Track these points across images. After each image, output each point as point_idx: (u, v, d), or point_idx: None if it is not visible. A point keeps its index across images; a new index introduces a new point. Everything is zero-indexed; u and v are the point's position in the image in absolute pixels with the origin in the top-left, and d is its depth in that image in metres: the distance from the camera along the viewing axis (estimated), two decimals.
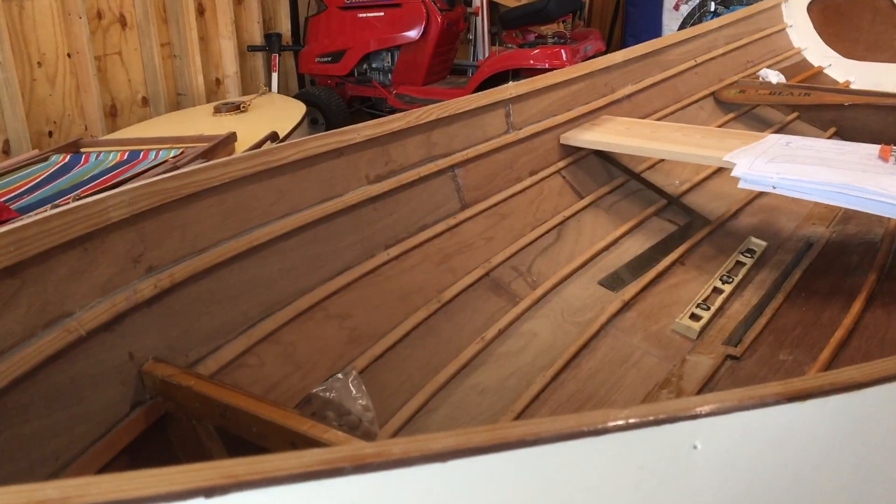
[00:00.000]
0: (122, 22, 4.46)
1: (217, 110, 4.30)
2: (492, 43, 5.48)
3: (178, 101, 4.85)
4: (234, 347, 1.33)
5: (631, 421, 0.54)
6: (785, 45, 4.10)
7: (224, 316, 1.35)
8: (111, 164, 2.95)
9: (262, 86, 5.21)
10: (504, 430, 0.50)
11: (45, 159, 3.08)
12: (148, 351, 1.16)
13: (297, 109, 4.35)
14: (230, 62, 5.12)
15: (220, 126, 3.93)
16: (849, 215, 2.75)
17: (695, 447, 0.57)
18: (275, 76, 5.27)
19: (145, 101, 4.67)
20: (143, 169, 2.80)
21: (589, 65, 2.82)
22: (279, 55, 5.26)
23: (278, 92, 5.22)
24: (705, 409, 0.57)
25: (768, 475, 0.61)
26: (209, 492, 0.41)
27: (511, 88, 2.47)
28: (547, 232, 2.37)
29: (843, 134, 3.36)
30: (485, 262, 2.12)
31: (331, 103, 4.93)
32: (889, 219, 2.61)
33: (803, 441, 0.61)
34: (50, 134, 4.15)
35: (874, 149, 2.34)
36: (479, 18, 5.26)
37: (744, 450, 0.59)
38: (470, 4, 5.24)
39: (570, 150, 2.64)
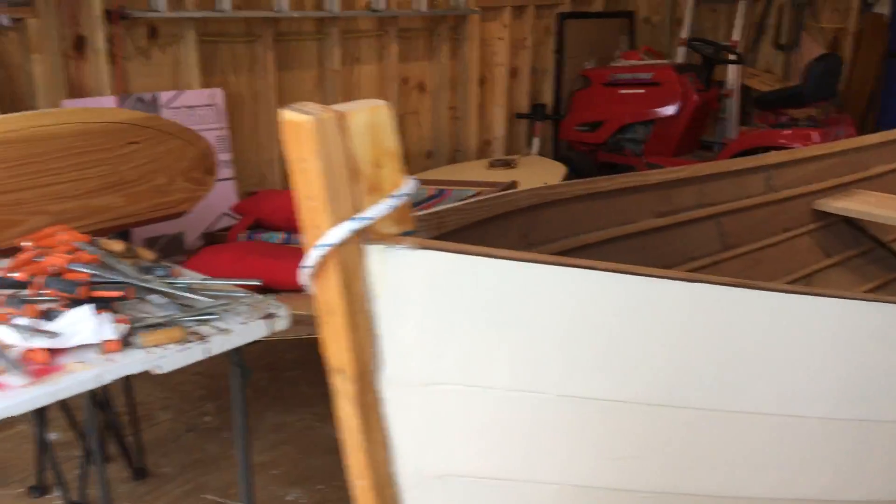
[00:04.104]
0: (422, 88, 5.35)
1: (491, 165, 5.03)
2: (740, 123, 5.83)
3: (455, 157, 5.65)
4: None
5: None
6: None
7: None
8: (424, 198, 3.68)
9: (525, 147, 5.92)
10: None
11: None
12: None
13: (559, 169, 4.97)
14: (500, 126, 5.88)
15: (496, 177, 4.62)
16: None
17: None
18: (536, 140, 5.95)
19: (429, 154, 5.51)
20: (453, 200, 3.50)
21: (845, 143, 3.16)
22: (542, 123, 5.95)
23: (538, 154, 5.89)
24: None
25: None
26: None
27: (772, 156, 2.89)
28: (795, 280, 2.73)
29: None
30: None
31: (585, 167, 5.51)
32: None
33: None
34: None
35: None
36: (732, 100, 5.64)
37: None
38: (723, 86, 5.65)
39: (821, 216, 2.98)
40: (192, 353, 1.60)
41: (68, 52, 3.61)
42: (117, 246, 1.95)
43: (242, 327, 1.69)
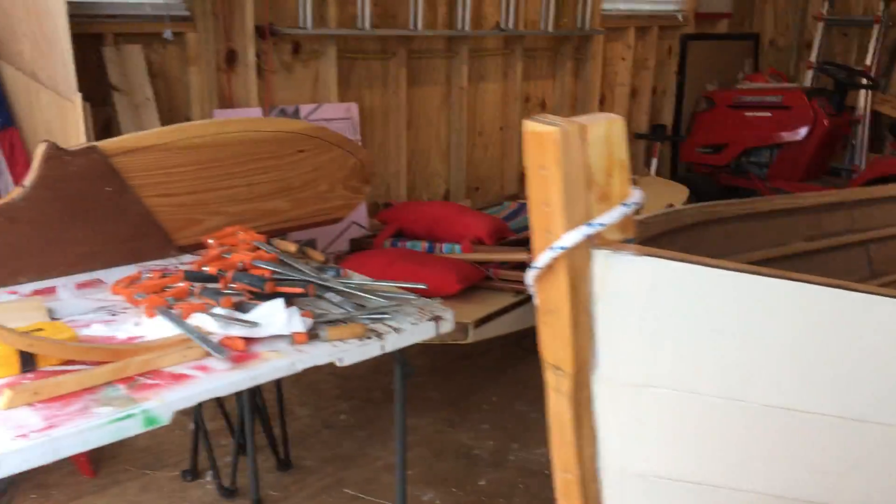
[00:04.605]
0: (543, 105, 5.41)
1: None
2: (869, 149, 5.65)
3: None
4: None
5: None
6: None
7: None
8: (509, 211, 3.75)
9: (643, 168, 5.89)
10: None
11: (498, 203, 3.97)
12: None
13: (680, 191, 4.93)
14: None
15: None
16: None
17: None
18: (654, 161, 5.91)
19: None
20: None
21: None
22: (660, 143, 5.91)
23: (655, 175, 5.85)
24: None
25: None
26: None
27: None
28: None
29: None
30: None
31: (706, 189, 5.44)
32: None
33: None
34: (475, 189, 5.15)
35: None
36: (862, 125, 5.48)
37: None
38: (853, 111, 5.49)
39: None
40: (370, 349, 1.70)
41: (220, 66, 3.84)
42: (290, 246, 2.09)
43: (413, 327, 1.78)
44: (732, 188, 5.67)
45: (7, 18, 2.80)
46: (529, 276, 1.03)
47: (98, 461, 2.72)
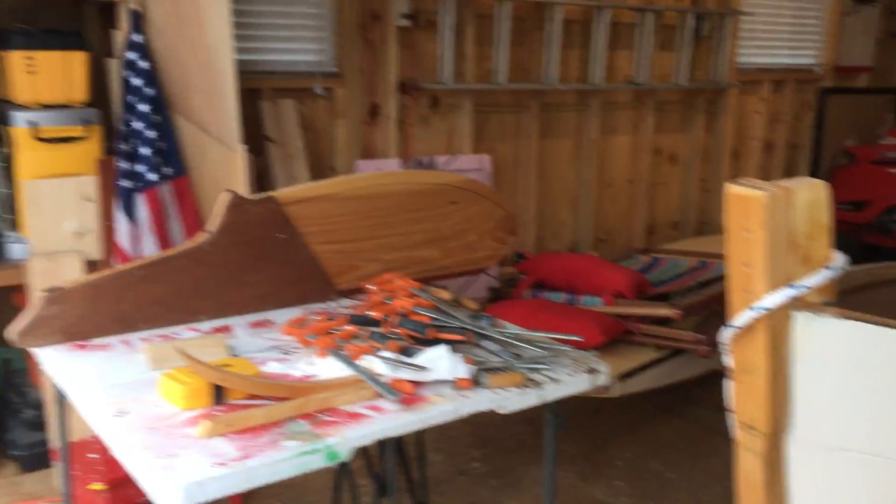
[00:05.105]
0: (673, 159, 5.37)
1: None
2: None
3: (701, 229, 5.58)
4: None
5: None
6: None
7: None
8: (686, 269, 3.69)
9: None
10: None
11: (629, 257, 3.95)
12: None
13: None
14: None
15: None
16: None
17: None
18: None
19: (675, 225, 5.49)
20: (716, 275, 3.48)
21: None
22: None
23: None
24: None
25: None
26: None
27: None
28: None
29: None
30: None
31: (847, 248, 5.21)
32: None
33: None
34: (602, 240, 5.14)
35: None
36: None
37: None
38: None
39: None
40: (529, 398, 1.73)
41: (364, 118, 4.03)
42: (445, 294, 2.16)
43: (570, 378, 1.81)
44: (875, 247, 5.43)
45: (183, 73, 3.04)
46: (726, 335, 1.05)
47: (246, 493, 2.84)
